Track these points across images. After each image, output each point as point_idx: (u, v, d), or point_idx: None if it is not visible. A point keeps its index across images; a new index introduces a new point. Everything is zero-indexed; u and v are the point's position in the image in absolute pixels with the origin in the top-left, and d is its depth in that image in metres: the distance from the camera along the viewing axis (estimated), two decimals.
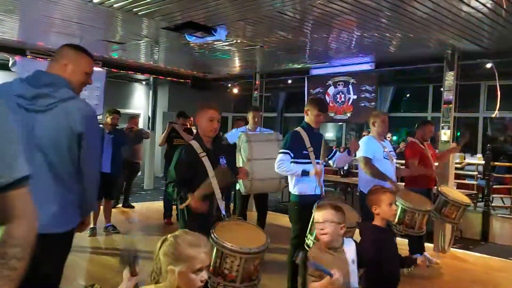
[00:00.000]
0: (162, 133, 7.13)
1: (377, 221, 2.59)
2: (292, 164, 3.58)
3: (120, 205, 7.73)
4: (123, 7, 4.59)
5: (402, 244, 4.34)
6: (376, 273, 2.41)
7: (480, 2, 4.00)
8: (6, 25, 5.68)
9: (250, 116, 5.37)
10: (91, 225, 5.78)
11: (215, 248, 2.50)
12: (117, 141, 5.92)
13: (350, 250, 2.33)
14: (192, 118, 7.23)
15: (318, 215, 2.34)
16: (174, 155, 2.93)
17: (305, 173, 3.53)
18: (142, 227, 6.71)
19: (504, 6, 4.04)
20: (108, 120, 5.99)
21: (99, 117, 7.21)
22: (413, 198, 4.15)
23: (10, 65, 7.21)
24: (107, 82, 8.57)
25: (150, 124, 10.85)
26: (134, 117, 8.80)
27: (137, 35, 6.03)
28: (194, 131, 4.30)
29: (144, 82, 12.30)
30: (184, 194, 2.74)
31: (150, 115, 10.97)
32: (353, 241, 2.42)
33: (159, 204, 7.36)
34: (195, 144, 2.91)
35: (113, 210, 6.37)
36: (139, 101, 12.45)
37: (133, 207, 7.88)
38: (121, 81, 11.33)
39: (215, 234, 2.55)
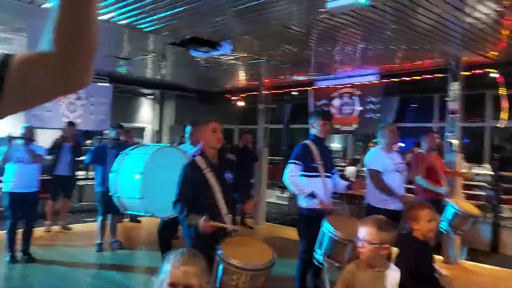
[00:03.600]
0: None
1: (417, 234, 2.52)
2: (302, 178, 3.58)
3: (127, 219, 7.75)
4: (129, 24, 4.66)
5: None
6: None
7: (482, 13, 4.02)
8: (15, 43, 5.78)
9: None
10: (98, 241, 5.80)
11: (221, 265, 2.50)
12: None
13: (392, 276, 2.19)
14: None
15: (360, 230, 2.21)
16: (180, 172, 2.95)
17: (311, 196, 3.51)
18: (147, 243, 6.71)
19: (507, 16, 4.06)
20: (112, 134, 5.99)
21: (106, 132, 7.28)
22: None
23: None
24: (114, 97, 8.66)
25: (157, 137, 10.91)
26: (129, 130, 8.83)
27: (144, 51, 6.12)
28: None
29: (151, 96, 12.40)
30: (193, 216, 2.75)
31: (157, 129, 11.04)
32: (398, 270, 2.24)
33: None
34: (199, 159, 2.92)
35: (118, 225, 6.38)
36: (146, 115, 12.52)
37: (139, 221, 7.88)
38: (128, 95, 11.44)
39: (221, 251, 2.55)
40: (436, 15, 4.09)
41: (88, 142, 9.01)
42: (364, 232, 2.17)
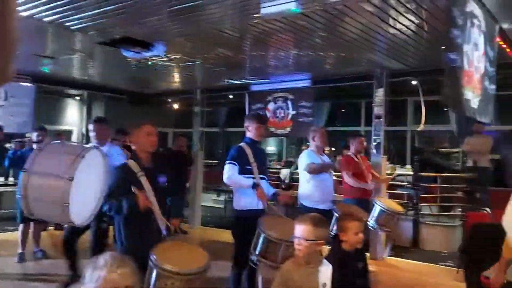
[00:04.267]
0: None
1: (345, 245, 2.53)
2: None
3: (51, 227, 7.29)
4: (54, 21, 4.41)
5: None
6: None
7: (403, 24, 4.32)
8: None
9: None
10: (20, 250, 5.41)
11: (155, 271, 2.44)
12: None
13: (324, 273, 2.24)
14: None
15: (296, 228, 2.27)
16: (111, 176, 2.84)
17: (254, 186, 3.55)
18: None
19: (425, 28, 4.40)
20: (33, 137, 5.61)
21: (28, 135, 6.81)
22: (349, 209, 4.33)
23: None
24: (39, 98, 8.13)
25: (84, 141, 10.39)
26: (60, 134, 8.37)
27: (70, 50, 5.81)
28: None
29: (78, 98, 11.80)
30: (127, 199, 2.65)
31: (84, 132, 10.51)
32: (330, 265, 2.30)
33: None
34: (132, 163, 2.84)
35: (42, 233, 6.00)
36: (73, 117, 11.88)
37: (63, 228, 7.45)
38: (53, 96, 10.79)
39: (154, 256, 2.49)
40: (363, 25, 4.32)
41: (8, 145, 8.38)
42: (301, 229, 2.24)
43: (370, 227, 4.93)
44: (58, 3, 3.90)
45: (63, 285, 4.21)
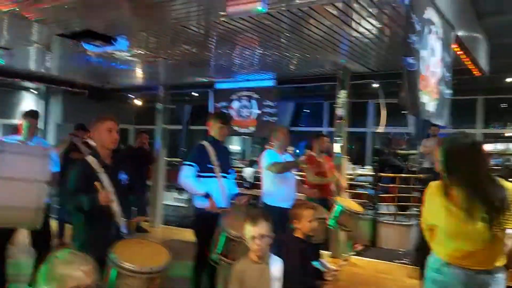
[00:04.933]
0: (57, 145, 6.63)
1: (297, 233, 2.64)
2: (198, 179, 3.57)
3: None
4: (11, 11, 4.21)
5: None
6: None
7: (365, 28, 4.43)
8: None
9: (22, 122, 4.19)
10: None
11: (114, 270, 2.38)
12: None
13: (275, 267, 2.29)
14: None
15: (255, 230, 2.27)
16: (70, 173, 2.75)
17: (207, 196, 3.53)
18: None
19: (386, 33, 4.54)
20: None
21: None
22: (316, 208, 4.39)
23: None
24: None
25: (41, 136, 9.99)
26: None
27: (27, 41, 5.56)
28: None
29: (34, 91, 11.32)
30: (88, 195, 2.59)
31: (41, 127, 10.11)
32: (279, 259, 2.36)
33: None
34: (91, 160, 2.76)
35: None
36: None
37: None
38: (7, 89, 10.31)
39: (113, 254, 2.43)
40: (327, 27, 4.40)
41: None
42: (260, 229, 2.28)
43: (330, 227, 5.03)
44: None
45: None
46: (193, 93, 9.92)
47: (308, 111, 12.45)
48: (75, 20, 4.49)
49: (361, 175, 8.78)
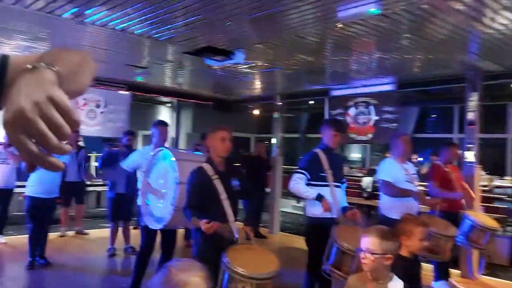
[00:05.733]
0: None
1: (403, 252, 2.40)
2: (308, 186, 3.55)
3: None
4: (144, 34, 4.74)
5: (426, 270, 4.20)
6: None
7: (500, 23, 3.94)
8: (36, 52, 5.93)
9: (159, 131, 4.47)
10: (109, 246, 5.88)
11: (227, 273, 2.49)
12: None
13: None
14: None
15: (363, 242, 2.13)
16: (188, 179, 2.97)
17: (319, 198, 3.47)
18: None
19: None
20: (124, 141, 6.09)
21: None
22: (437, 223, 4.03)
23: None
24: (133, 105, 8.80)
25: (174, 145, 11.02)
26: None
27: (161, 60, 6.20)
28: None
29: (168, 105, 12.55)
30: (197, 217, 2.75)
31: (174, 136, 11.17)
32: (401, 281, 2.15)
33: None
34: (207, 166, 2.94)
35: (133, 231, 6.44)
36: None
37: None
38: (146, 103, 11.61)
39: (227, 259, 2.55)
40: (452, 25, 4.02)
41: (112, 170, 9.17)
42: (366, 242, 2.12)
43: (459, 243, 4.56)
44: (148, 16, 4.19)
45: None
46: (309, 102, 9.93)
47: (436, 116, 11.50)
48: (198, 37, 4.86)
49: (498, 186, 7.79)
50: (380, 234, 2.12)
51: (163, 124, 4.62)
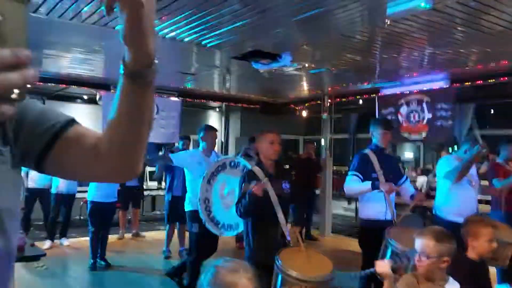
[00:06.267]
0: None
1: (471, 254, 2.30)
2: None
3: None
4: (193, 40, 4.87)
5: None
6: None
7: None
8: (93, 64, 6.28)
9: (208, 136, 4.60)
10: (164, 248, 6.08)
11: (280, 275, 2.50)
12: None
13: None
14: None
15: (417, 243, 2.09)
16: (239, 181, 3.02)
17: (375, 187, 3.38)
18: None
19: None
20: (180, 145, 6.32)
21: (176, 144, 7.65)
22: (497, 227, 3.79)
23: (97, 99, 7.94)
24: (183, 111, 9.06)
25: (223, 149, 11.21)
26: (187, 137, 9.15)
27: (209, 66, 6.34)
28: None
29: (217, 109, 12.79)
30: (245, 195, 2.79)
31: (223, 140, 11.35)
32: (457, 284, 2.08)
33: None
34: (257, 169, 2.97)
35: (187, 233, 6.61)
36: None
37: None
38: (195, 109, 11.89)
39: (279, 261, 2.55)
40: (509, 15, 3.81)
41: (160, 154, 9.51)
42: (421, 244, 2.04)
43: None
44: (195, 23, 4.30)
45: None
46: (358, 101, 9.73)
47: (494, 111, 10.89)
48: (245, 42, 4.93)
49: None
50: (435, 236, 2.03)
51: (212, 129, 4.72)
